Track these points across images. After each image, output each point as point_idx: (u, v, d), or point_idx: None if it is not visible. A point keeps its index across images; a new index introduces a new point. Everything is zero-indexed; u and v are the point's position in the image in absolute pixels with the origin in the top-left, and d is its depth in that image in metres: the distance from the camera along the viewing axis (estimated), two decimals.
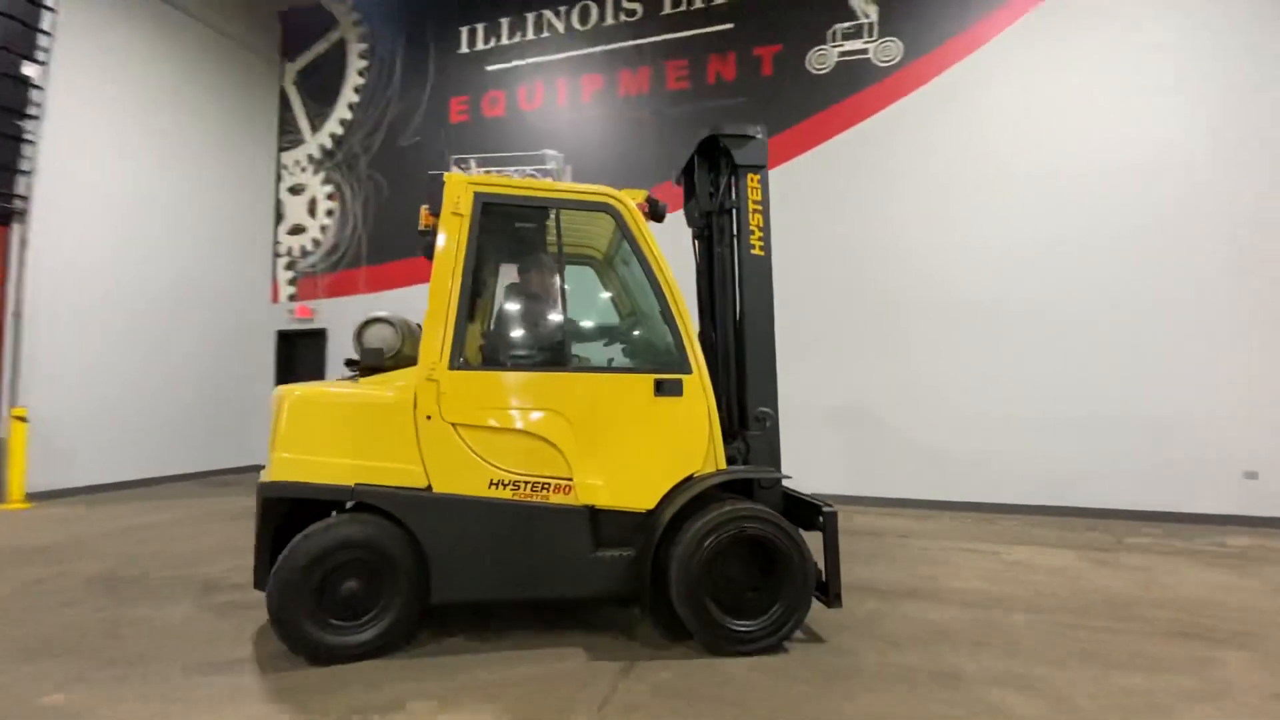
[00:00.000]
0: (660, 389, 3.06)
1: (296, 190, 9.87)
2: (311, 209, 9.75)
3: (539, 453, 2.97)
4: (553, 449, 2.98)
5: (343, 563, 2.78)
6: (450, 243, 3.04)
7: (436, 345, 2.94)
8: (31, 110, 6.92)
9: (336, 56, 9.74)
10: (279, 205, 9.95)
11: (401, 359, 3.25)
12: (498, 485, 2.93)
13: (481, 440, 2.94)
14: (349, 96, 9.61)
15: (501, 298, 3.44)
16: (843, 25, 7.31)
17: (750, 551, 2.97)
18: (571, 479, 2.98)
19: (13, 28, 6.79)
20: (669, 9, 8.04)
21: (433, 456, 2.90)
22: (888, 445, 6.86)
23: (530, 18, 8.67)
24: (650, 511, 3.03)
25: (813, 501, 3.16)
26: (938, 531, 5.58)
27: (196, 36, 8.81)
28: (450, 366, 2.94)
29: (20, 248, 6.82)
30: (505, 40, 8.82)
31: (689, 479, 3.06)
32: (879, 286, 7.02)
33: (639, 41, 8.12)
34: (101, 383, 7.49)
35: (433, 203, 3.14)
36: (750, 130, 3.40)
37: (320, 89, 9.81)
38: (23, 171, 6.84)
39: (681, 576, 2.84)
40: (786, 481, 3.30)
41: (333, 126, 9.68)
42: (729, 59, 7.73)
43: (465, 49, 9.01)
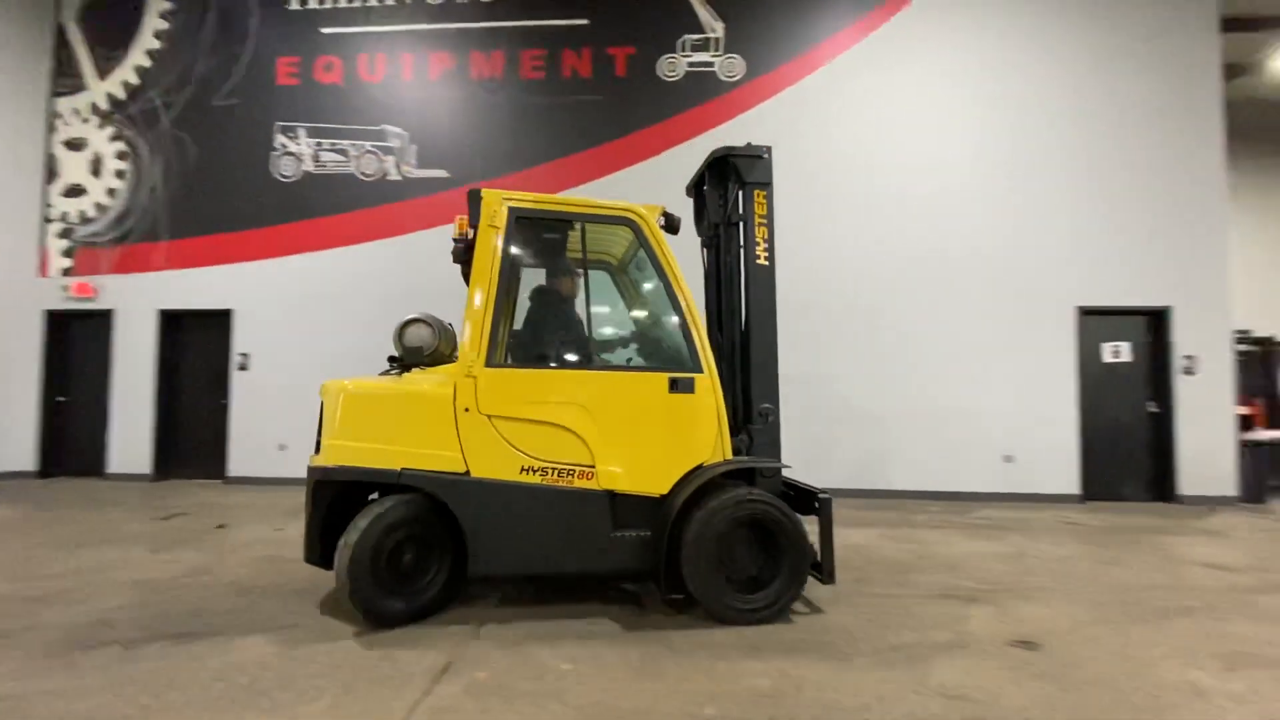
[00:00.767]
0: (674, 386, 3.41)
1: (76, 145, 8.32)
2: (95, 168, 8.26)
3: (565, 442, 3.32)
4: (577, 439, 3.32)
5: (403, 538, 3.20)
6: (486, 252, 3.38)
7: (474, 345, 3.29)
8: None
9: None
10: (50, 160, 8.32)
11: (437, 356, 3.58)
12: (528, 471, 3.28)
13: (514, 431, 3.29)
14: (148, 42, 8.27)
15: (531, 302, 3.77)
16: (692, 37, 7.63)
17: (753, 532, 3.30)
18: (594, 466, 3.32)
19: None
20: None
21: (470, 445, 3.24)
22: None
23: None
24: (664, 496, 3.35)
25: (809, 489, 3.56)
26: None
27: None
28: (486, 364, 3.29)
29: None
30: (344, 1, 8.10)
31: (699, 467, 3.38)
32: None
33: (492, 24, 7.87)
34: None
35: (471, 215, 3.45)
36: (758, 150, 3.76)
37: (111, 29, 8.34)
38: None
39: (692, 554, 3.17)
40: (785, 471, 3.66)
41: (126, 74, 8.28)
42: (585, 56, 7.75)
43: (296, 4, 8.14)
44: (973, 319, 7.14)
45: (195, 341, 8.14)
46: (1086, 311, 7.13)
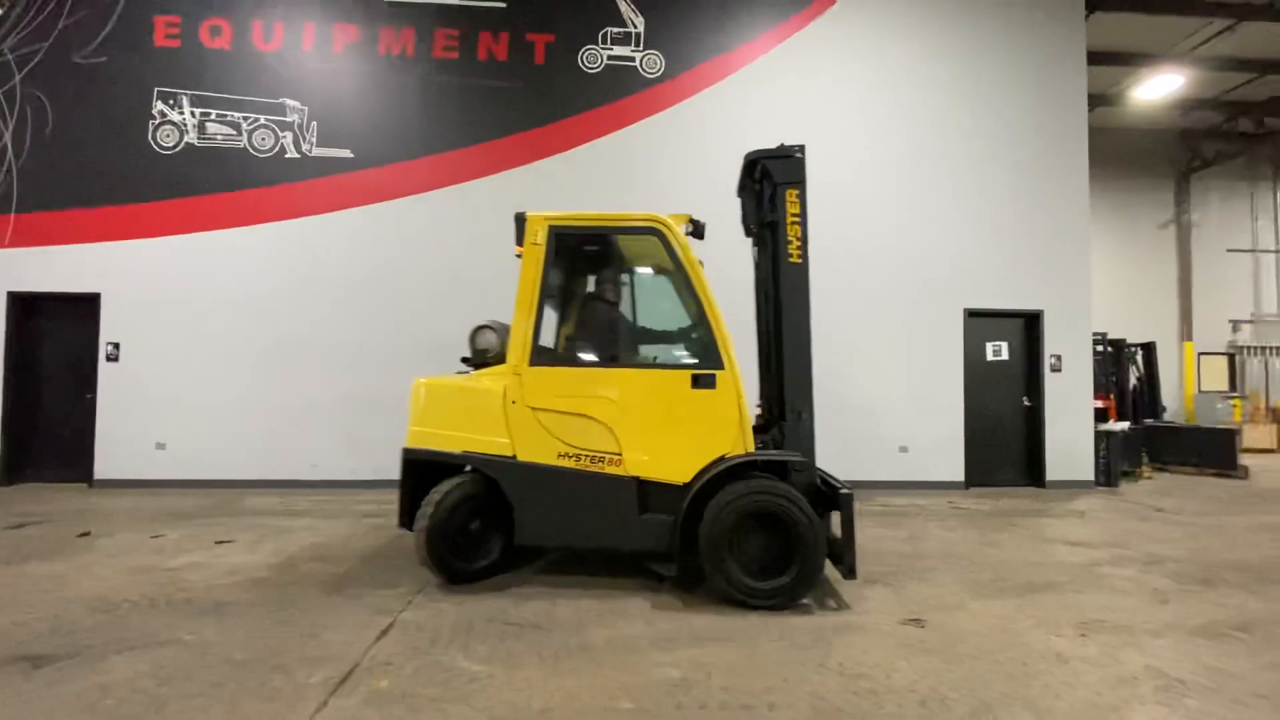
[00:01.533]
0: (696, 382, 3.66)
1: None
2: None
3: (596, 432, 3.68)
4: (606, 429, 3.67)
5: (467, 510, 3.77)
6: (530, 266, 3.80)
7: (520, 346, 3.77)
8: None
9: None
10: None
11: (502, 356, 3.93)
12: (565, 456, 3.69)
13: (553, 421, 3.72)
14: None
15: (582, 307, 4.17)
16: (613, 29, 7.59)
17: (765, 522, 3.43)
18: (620, 454, 3.64)
19: None
20: None
21: (517, 433, 3.73)
22: None
23: None
24: (686, 484, 3.58)
25: (835, 484, 3.67)
26: None
27: None
28: (529, 363, 3.75)
29: None
30: None
31: (721, 459, 3.57)
32: None
33: None
34: None
35: (517, 234, 3.85)
36: (789, 150, 3.87)
37: None
38: None
39: (707, 538, 3.41)
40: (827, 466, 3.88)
41: None
42: (502, 39, 7.52)
43: None
44: (873, 318, 7.56)
45: (55, 329, 7.24)
46: (972, 313, 7.74)
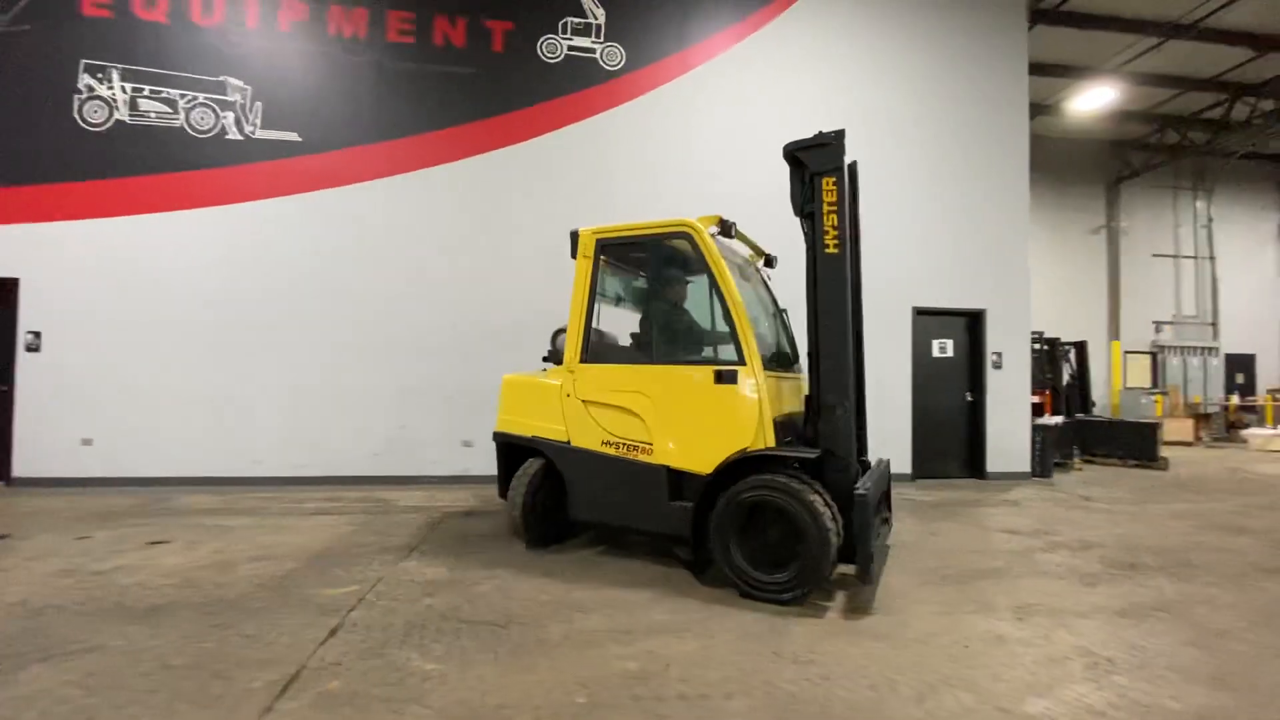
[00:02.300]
0: (719, 378, 3.75)
1: None
2: None
3: (631, 423, 4.01)
4: (640, 421, 3.97)
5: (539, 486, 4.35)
6: (581, 276, 4.26)
7: (574, 346, 4.26)
8: None
9: None
10: None
11: None
12: (607, 444, 4.09)
13: (598, 412, 4.15)
14: None
15: (643, 308, 4.44)
16: (574, 19, 7.50)
17: (777, 517, 3.43)
18: (652, 444, 3.92)
19: None
20: None
21: (570, 422, 4.24)
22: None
23: None
24: (708, 475, 3.69)
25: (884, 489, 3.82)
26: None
27: None
28: (580, 361, 4.22)
29: None
30: None
31: (743, 452, 3.62)
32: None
33: None
34: None
35: (572, 249, 4.32)
36: (825, 138, 3.74)
37: None
38: None
39: (715, 527, 3.57)
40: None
41: None
42: (459, 25, 7.33)
43: None
44: None
45: None
46: (920, 312, 8.00)
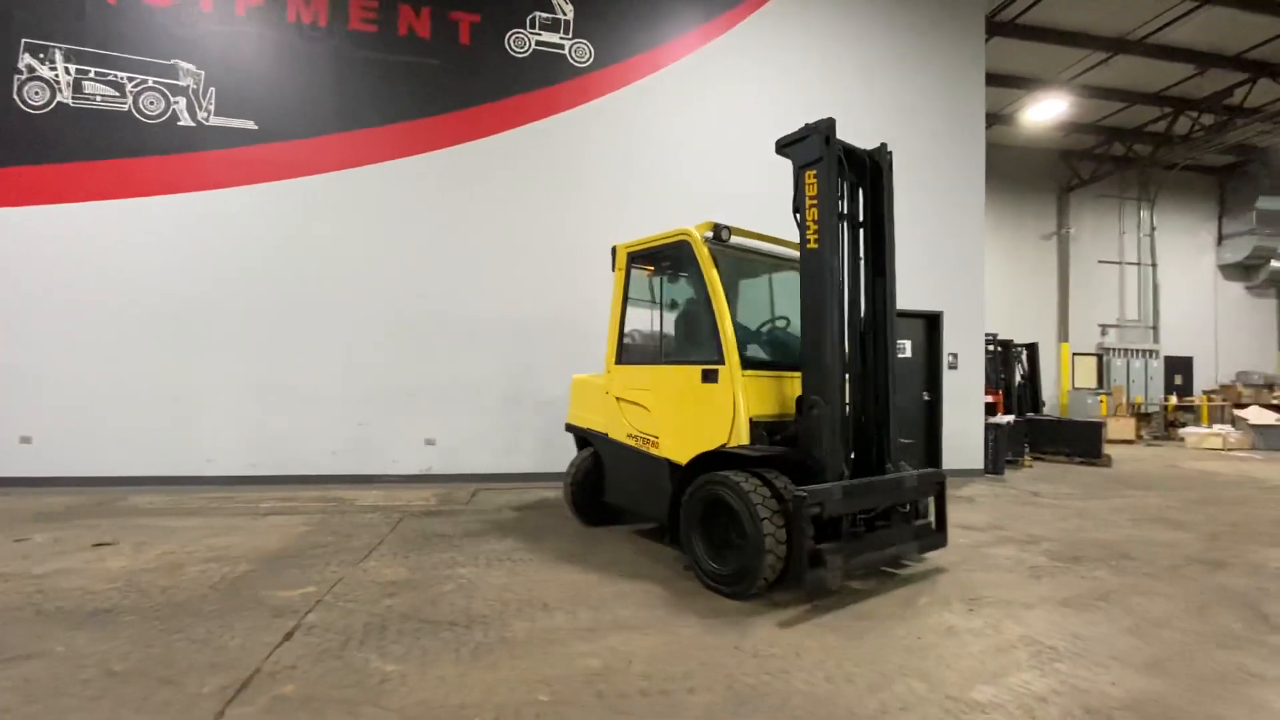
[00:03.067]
0: (705, 377, 3.95)
1: None
2: None
3: (644, 417, 4.41)
4: (649, 415, 4.37)
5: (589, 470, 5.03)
6: (617, 287, 4.79)
7: (611, 349, 4.76)
8: None
9: None
10: None
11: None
12: (630, 436, 4.52)
13: (625, 408, 4.61)
14: None
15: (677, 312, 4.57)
16: (542, 14, 7.45)
17: (725, 512, 3.50)
18: (658, 437, 4.25)
19: None
20: None
21: (609, 416, 4.78)
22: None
23: None
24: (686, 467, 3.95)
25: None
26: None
27: None
28: (615, 363, 4.74)
29: None
30: None
31: (722, 448, 3.74)
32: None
33: None
34: None
35: (613, 262, 4.83)
36: (808, 130, 3.71)
37: None
38: None
39: (683, 517, 3.80)
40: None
41: None
42: (424, 15, 7.21)
43: None
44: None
45: None
46: None
